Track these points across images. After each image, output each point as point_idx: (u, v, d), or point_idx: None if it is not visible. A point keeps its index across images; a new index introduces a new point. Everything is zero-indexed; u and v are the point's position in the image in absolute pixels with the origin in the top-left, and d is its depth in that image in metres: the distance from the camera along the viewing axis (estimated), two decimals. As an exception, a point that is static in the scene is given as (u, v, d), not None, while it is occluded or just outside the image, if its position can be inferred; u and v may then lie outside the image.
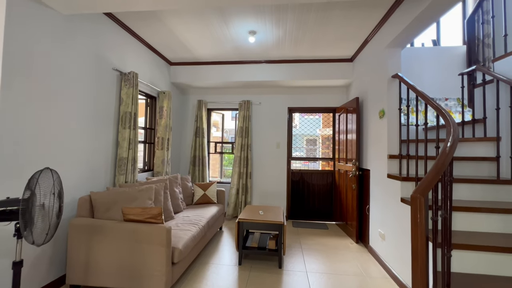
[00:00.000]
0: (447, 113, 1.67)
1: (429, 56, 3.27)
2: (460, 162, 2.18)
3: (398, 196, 2.23)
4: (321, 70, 3.78)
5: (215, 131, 7.42)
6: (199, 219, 2.71)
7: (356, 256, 2.78)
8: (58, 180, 1.52)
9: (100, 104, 2.50)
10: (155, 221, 1.98)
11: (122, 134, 2.69)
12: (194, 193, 3.51)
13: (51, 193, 1.46)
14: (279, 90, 4.32)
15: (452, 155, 1.40)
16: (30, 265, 1.84)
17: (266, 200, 4.28)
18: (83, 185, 2.29)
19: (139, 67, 3.16)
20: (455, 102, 3.13)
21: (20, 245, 1.42)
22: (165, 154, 3.55)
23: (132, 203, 2.22)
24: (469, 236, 1.64)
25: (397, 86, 2.49)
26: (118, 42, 2.75)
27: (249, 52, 3.56)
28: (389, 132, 2.49)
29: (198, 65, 4.00)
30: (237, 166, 4.14)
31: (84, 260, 1.92)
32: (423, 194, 1.22)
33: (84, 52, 2.28)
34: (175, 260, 1.94)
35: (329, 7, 2.42)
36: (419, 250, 1.22)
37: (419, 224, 1.20)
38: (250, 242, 2.72)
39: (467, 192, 1.97)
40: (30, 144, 1.82)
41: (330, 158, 4.39)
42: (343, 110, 3.70)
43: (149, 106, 3.65)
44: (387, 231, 2.46)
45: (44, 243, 1.42)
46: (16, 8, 1.70)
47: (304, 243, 3.15)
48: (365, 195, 3.09)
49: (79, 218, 2.01)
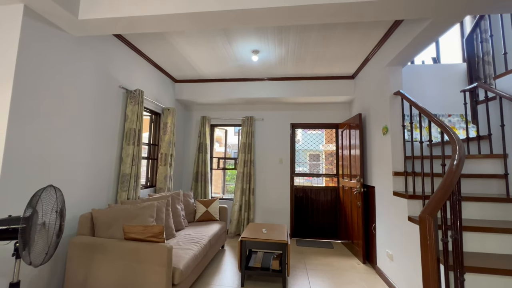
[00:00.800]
0: (451, 130, 1.66)
1: (430, 73, 3.31)
2: (467, 179, 2.14)
3: (405, 215, 2.17)
4: (323, 87, 3.84)
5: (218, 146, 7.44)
6: (201, 237, 2.65)
7: (364, 278, 2.66)
8: (61, 198, 1.51)
9: (106, 121, 2.54)
10: (156, 239, 1.94)
11: (126, 150, 2.71)
12: (196, 209, 3.46)
13: (53, 211, 1.45)
14: (282, 107, 4.37)
15: (460, 173, 1.37)
16: (28, 284, 1.78)
17: (269, 217, 4.19)
18: (84, 201, 2.28)
19: (144, 85, 3.24)
20: (458, 118, 3.13)
21: (18, 265, 1.39)
22: (168, 170, 3.54)
23: (134, 221, 2.19)
24: (482, 258, 1.57)
25: (399, 103, 2.50)
26: (125, 61, 2.84)
27: (252, 70, 3.65)
28: (393, 149, 2.47)
29: (202, 83, 4.09)
30: (240, 182, 4.11)
31: (83, 280, 1.87)
32: (432, 215, 1.18)
33: (92, 71, 2.35)
34: (176, 281, 1.87)
35: (330, 27, 2.50)
36: (430, 274, 1.17)
37: (429, 246, 1.16)
38: (253, 262, 2.63)
39: (476, 210, 1.92)
40: (36, 161, 1.83)
41: (334, 174, 4.34)
42: (346, 126, 3.71)
43: (153, 122, 3.70)
44: (395, 251, 2.37)
45: (42, 264, 1.39)
46: (30, 31, 1.78)
47: (309, 263, 3.04)
48: (371, 212, 3.02)
49: (80, 237, 1.98)
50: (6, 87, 1.67)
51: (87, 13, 1.92)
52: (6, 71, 1.68)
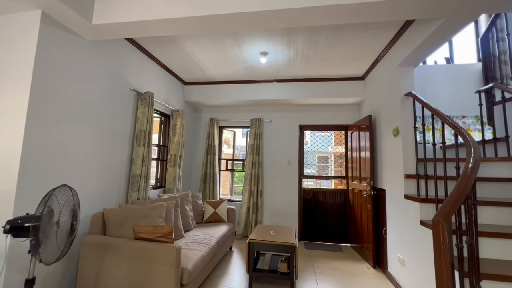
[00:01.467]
0: (465, 132, 1.61)
1: (443, 74, 3.23)
2: (483, 183, 2.06)
3: (417, 219, 2.11)
4: (332, 88, 3.80)
5: (226, 148, 7.47)
6: (209, 238, 2.67)
7: (374, 283, 2.61)
8: (72, 198, 1.55)
9: (117, 122, 2.60)
10: (165, 240, 1.96)
11: (137, 151, 2.76)
12: (205, 211, 3.48)
13: (65, 210, 1.49)
14: (290, 108, 4.36)
15: (475, 177, 1.33)
16: (42, 282, 1.84)
17: (277, 219, 4.17)
18: (96, 201, 2.33)
19: (155, 87, 3.30)
20: (473, 119, 3.03)
21: (34, 262, 1.44)
22: (177, 171, 3.59)
23: (143, 221, 2.23)
24: (500, 265, 1.51)
25: (411, 104, 2.45)
26: (136, 64, 2.91)
27: (261, 72, 3.66)
28: (405, 151, 2.42)
29: (211, 85, 4.13)
30: (248, 184, 4.11)
31: (94, 279, 1.91)
32: (446, 219, 1.15)
33: (105, 74, 2.42)
34: (184, 282, 1.89)
35: (339, 29, 2.48)
36: (444, 280, 1.13)
37: (443, 251, 1.12)
38: (261, 264, 2.62)
39: (493, 215, 1.85)
40: (51, 162, 1.89)
41: (343, 176, 4.28)
42: (356, 128, 3.66)
43: (163, 124, 3.76)
44: (407, 256, 2.31)
45: (54, 262, 1.43)
46: (47, 36, 1.85)
47: (318, 267, 3.00)
48: (381, 216, 2.95)
49: (92, 236, 2.02)
50: (24, 91, 1.74)
51: (100, 18, 1.98)
52: (24, 76, 1.75)
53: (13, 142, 1.70)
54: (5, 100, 1.76)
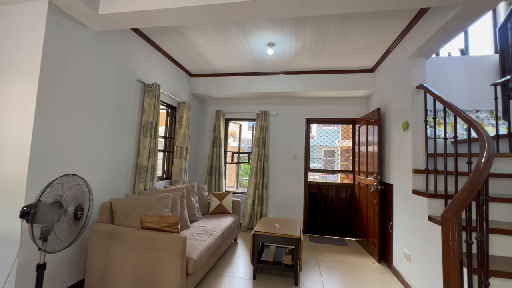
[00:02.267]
0: (479, 126, 1.55)
1: (457, 66, 3.11)
2: (496, 179, 2.00)
3: (425, 214, 2.07)
4: (341, 81, 3.72)
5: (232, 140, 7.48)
6: (214, 229, 2.69)
7: (379, 277, 2.60)
8: (84, 188, 1.57)
9: (124, 114, 2.61)
10: (171, 229, 1.99)
11: (143, 143, 2.79)
12: (210, 202, 3.51)
13: (71, 201, 1.51)
14: (297, 101, 4.30)
15: (488, 172, 1.28)
16: (53, 267, 1.90)
17: (282, 212, 4.18)
18: (104, 191, 2.37)
19: (161, 79, 3.30)
20: (487, 114, 2.93)
21: (44, 247, 1.48)
22: (183, 163, 3.61)
23: (150, 211, 2.26)
24: (510, 263, 1.47)
25: (422, 97, 2.37)
26: (143, 55, 2.90)
27: (268, 64, 3.60)
28: (414, 145, 2.36)
29: (217, 77, 4.10)
30: (254, 176, 4.11)
31: (103, 266, 1.96)
32: (456, 214, 1.11)
33: (111, 65, 2.42)
34: (190, 271, 1.92)
35: (349, 18, 2.40)
36: (452, 276, 1.11)
37: (451, 247, 1.09)
38: (265, 256, 2.64)
39: (504, 212, 1.79)
40: (60, 153, 1.92)
41: (350, 170, 4.23)
42: (364, 122, 3.59)
43: (169, 116, 3.77)
44: (413, 252, 2.28)
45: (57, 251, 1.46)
46: (54, 26, 1.85)
47: (322, 260, 3.00)
48: (388, 211, 2.92)
49: (100, 224, 2.07)
50: (33, 81, 1.76)
51: (106, 8, 1.97)
52: (33, 65, 1.77)
53: (23, 131, 1.73)
54: (14, 89, 1.78)
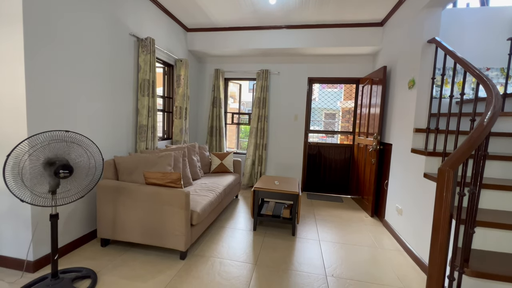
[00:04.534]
0: (489, 82, 1.49)
1: (473, 18, 2.87)
2: (496, 138, 2.00)
3: (421, 171, 2.13)
4: (347, 36, 3.49)
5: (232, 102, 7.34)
6: (216, 186, 2.81)
7: (370, 229, 2.79)
8: (56, 145, 1.52)
9: (120, 71, 2.50)
10: (174, 185, 2.07)
11: (142, 101, 2.73)
12: (211, 162, 3.59)
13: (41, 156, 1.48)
14: (300, 59, 4.09)
15: (490, 128, 1.27)
16: (66, 217, 2.02)
17: (282, 172, 4.31)
18: (106, 150, 2.40)
19: (156, 33, 3.08)
20: (497, 72, 2.81)
21: (54, 201, 1.55)
22: (183, 123, 3.60)
23: (152, 168, 2.32)
24: (495, 214, 1.56)
25: (432, 53, 2.24)
26: (134, 6, 2.66)
27: (269, 16, 3.33)
28: (418, 104, 2.31)
29: (215, 31, 3.83)
30: (254, 137, 4.14)
31: (112, 217, 2.08)
32: (453, 168, 1.14)
33: (102, 17, 2.23)
34: (194, 222, 2.05)
35: (361, -41, 2.13)
36: (441, 225, 1.18)
37: (444, 198, 1.14)
38: (265, 210, 2.80)
39: (499, 170, 1.84)
40: (57, 110, 1.89)
41: (350, 132, 4.24)
42: (368, 81, 3.47)
43: (166, 75, 3.63)
44: (405, 206, 2.41)
45: (43, 206, 1.52)
46: (31, -34, 1.65)
47: (318, 214, 3.20)
48: (385, 169, 3.00)
49: (105, 180, 2.14)
50: (17, 35, 1.64)
51: None
52: (14, 14, 1.63)
53: (16, 87, 1.67)
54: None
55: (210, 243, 2.34)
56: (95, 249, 2.14)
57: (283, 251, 2.25)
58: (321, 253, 2.24)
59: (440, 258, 1.19)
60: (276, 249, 2.28)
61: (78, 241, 2.14)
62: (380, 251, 2.30)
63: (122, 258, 2.01)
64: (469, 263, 1.36)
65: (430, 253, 1.24)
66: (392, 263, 2.12)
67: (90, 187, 1.70)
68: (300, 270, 1.97)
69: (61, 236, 1.99)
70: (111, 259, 2.00)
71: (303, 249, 2.29)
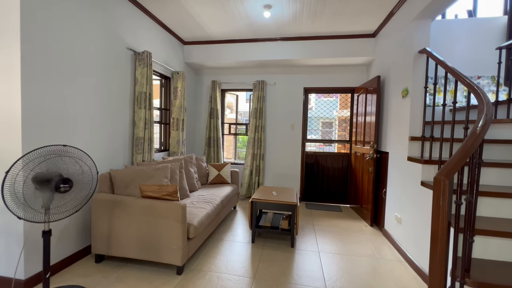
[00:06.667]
0: (480, 90, 1.52)
1: (462, 29, 2.96)
2: (490, 145, 2.02)
3: (418, 180, 2.13)
4: (341, 47, 3.57)
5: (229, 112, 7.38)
6: (214, 198, 2.78)
7: (370, 239, 2.76)
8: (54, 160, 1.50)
9: (116, 84, 2.52)
10: (171, 198, 2.04)
11: (138, 114, 2.74)
12: (209, 173, 3.57)
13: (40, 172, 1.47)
14: (295, 70, 4.16)
15: (483, 136, 1.29)
16: (59, 235, 1.98)
17: (280, 182, 4.29)
18: (102, 163, 2.38)
19: (153, 46, 3.13)
20: (488, 80, 2.87)
21: (47, 217, 1.52)
22: (180, 134, 3.60)
23: (149, 181, 2.30)
24: (495, 222, 1.55)
25: (424, 63, 2.29)
26: (132, 21, 2.72)
27: (264, 29, 3.41)
28: (412, 113, 2.34)
29: (211, 44, 3.90)
30: (251, 147, 4.14)
31: (107, 232, 2.04)
32: (448, 177, 1.14)
33: (100, 32, 2.27)
34: (191, 235, 2.01)
35: (352, -25, 2.21)
36: (439, 234, 1.17)
37: (441, 207, 1.14)
38: (263, 222, 2.76)
39: (495, 177, 1.84)
40: (53, 123, 1.88)
41: (347, 140, 4.26)
42: (363, 90, 3.52)
43: (163, 87, 3.66)
44: (404, 215, 2.39)
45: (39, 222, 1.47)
46: (30, -15, 1.69)
47: (317, 225, 3.16)
48: (382, 178, 3.00)
49: (101, 194, 2.11)
50: (14, 47, 1.65)
51: (86, -37, 1.78)
52: (12, 28, 1.65)
53: (12, 100, 1.67)
54: (-4, 58, 1.69)
55: (208, 256, 2.29)
56: (89, 265, 2.08)
57: (282, 263, 2.20)
58: (321, 265, 2.19)
59: (440, 268, 1.18)
60: (275, 261, 2.23)
61: (72, 257, 2.09)
62: (381, 262, 2.26)
63: (117, 275, 1.95)
64: (470, 273, 1.34)
65: (430, 264, 1.22)
66: (393, 274, 2.08)
67: (85, 201, 1.67)
68: (300, 283, 1.92)
69: (53, 252, 1.94)
70: (106, 275, 1.94)
71: (302, 261, 2.25)
